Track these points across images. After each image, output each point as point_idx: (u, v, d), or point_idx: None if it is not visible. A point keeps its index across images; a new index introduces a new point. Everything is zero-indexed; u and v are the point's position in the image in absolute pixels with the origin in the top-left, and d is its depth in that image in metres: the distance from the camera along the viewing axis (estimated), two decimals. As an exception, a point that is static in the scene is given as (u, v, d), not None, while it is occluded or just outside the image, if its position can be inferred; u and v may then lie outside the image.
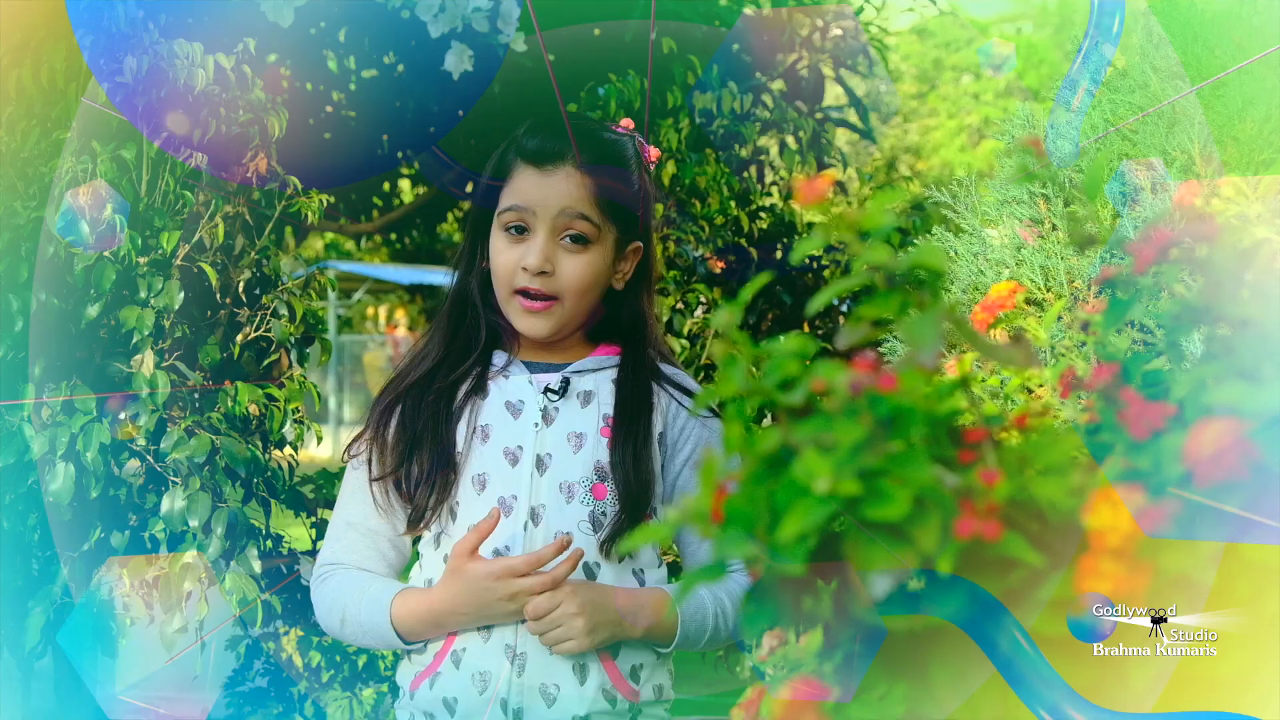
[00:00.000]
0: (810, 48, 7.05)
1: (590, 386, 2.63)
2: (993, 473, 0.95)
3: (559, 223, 2.53)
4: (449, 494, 2.56)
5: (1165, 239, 1.06)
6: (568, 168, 2.55)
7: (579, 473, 2.55)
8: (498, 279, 2.57)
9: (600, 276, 2.60)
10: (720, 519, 0.99)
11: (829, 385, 0.94)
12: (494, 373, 2.64)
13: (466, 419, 2.59)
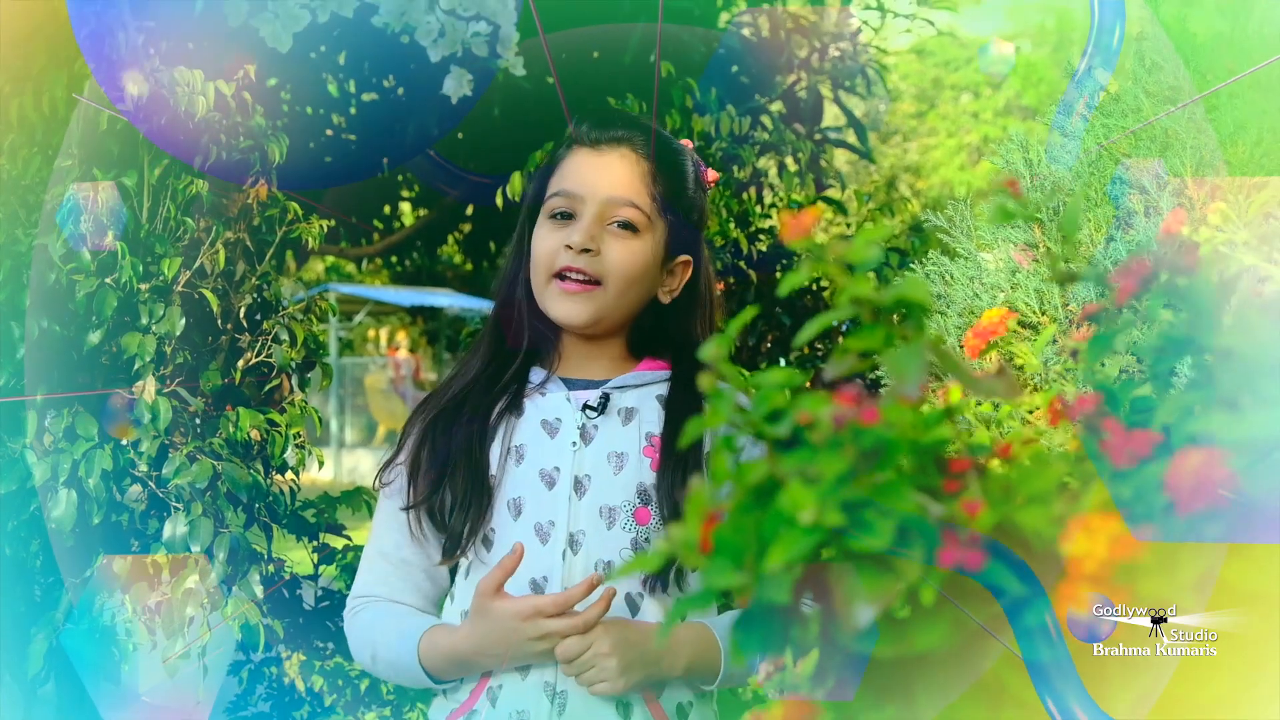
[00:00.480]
0: (809, 69, 7.07)
1: (632, 403, 2.51)
2: (975, 503, 0.96)
3: (608, 209, 2.44)
4: (484, 520, 2.44)
5: (1145, 270, 1.07)
6: (624, 149, 2.48)
7: (620, 496, 2.42)
8: (537, 266, 2.47)
9: (647, 271, 2.49)
10: (709, 548, 1.00)
11: (814, 417, 0.96)
12: (530, 390, 2.52)
13: (501, 439, 2.47)
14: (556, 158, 2.53)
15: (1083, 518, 1.02)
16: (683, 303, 2.58)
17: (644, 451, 2.46)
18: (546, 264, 2.45)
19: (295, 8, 4.27)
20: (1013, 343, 2.10)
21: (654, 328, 2.56)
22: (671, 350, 2.57)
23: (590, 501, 2.41)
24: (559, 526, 2.39)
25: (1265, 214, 1.94)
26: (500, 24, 4.94)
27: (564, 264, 2.42)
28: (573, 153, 2.50)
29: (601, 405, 2.48)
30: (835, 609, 0.97)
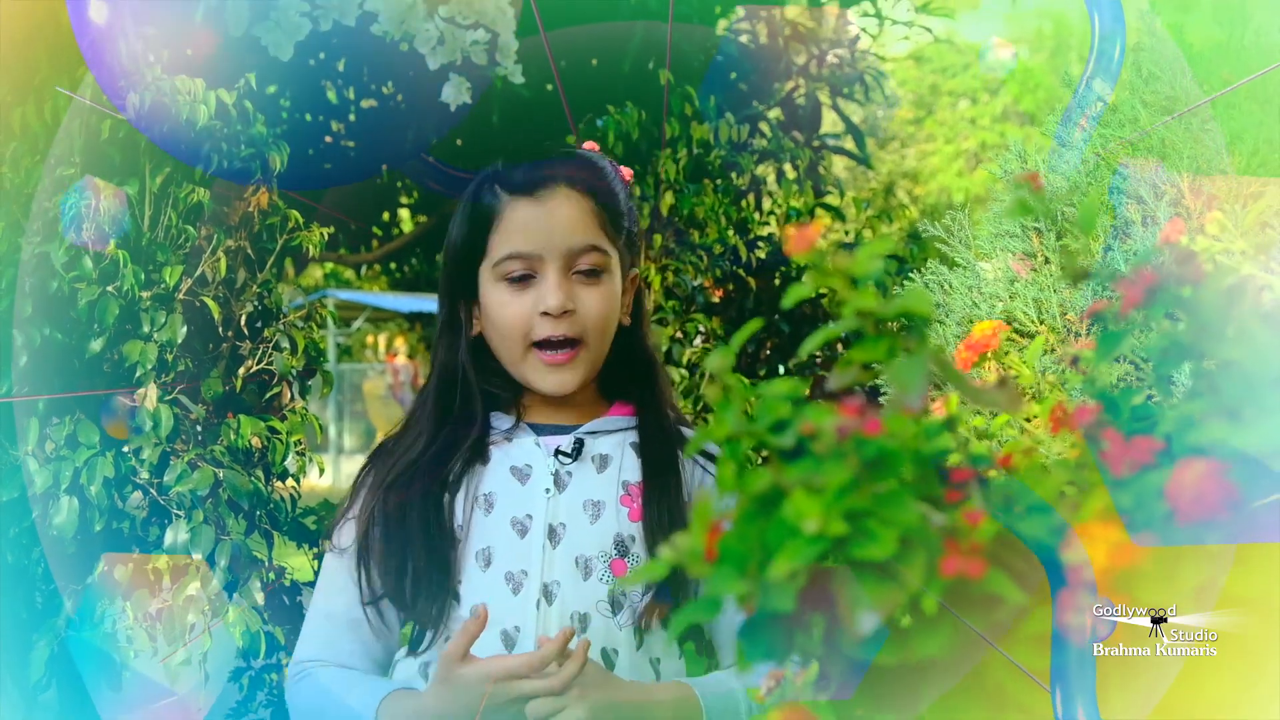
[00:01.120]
0: (807, 76, 7.08)
1: (606, 450, 2.40)
2: (977, 512, 0.98)
3: (570, 258, 2.32)
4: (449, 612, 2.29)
5: (1151, 280, 1.08)
6: (563, 189, 2.34)
7: (597, 546, 2.30)
8: (506, 337, 2.35)
9: (615, 310, 2.40)
10: (714, 557, 1.02)
11: (817, 428, 0.97)
12: (496, 437, 2.40)
13: (466, 488, 2.35)
14: (489, 209, 2.36)
15: (1085, 526, 1.03)
16: (635, 316, 2.51)
17: (621, 500, 2.35)
18: (520, 334, 2.34)
19: (296, 16, 4.29)
20: (1007, 354, 2.11)
21: (618, 354, 2.46)
22: (635, 378, 2.49)
23: (565, 551, 2.30)
24: (532, 576, 2.29)
25: (1262, 223, 1.96)
26: (499, 32, 4.95)
27: (545, 334, 2.32)
28: (510, 205, 2.35)
29: (576, 451, 2.38)
30: (839, 617, 0.99)
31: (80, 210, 3.16)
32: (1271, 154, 2.14)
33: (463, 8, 4.80)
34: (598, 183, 2.40)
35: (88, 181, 3.17)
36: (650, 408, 2.47)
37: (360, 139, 7.31)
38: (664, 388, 2.52)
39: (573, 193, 2.35)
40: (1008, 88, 29.23)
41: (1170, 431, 1.09)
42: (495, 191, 2.37)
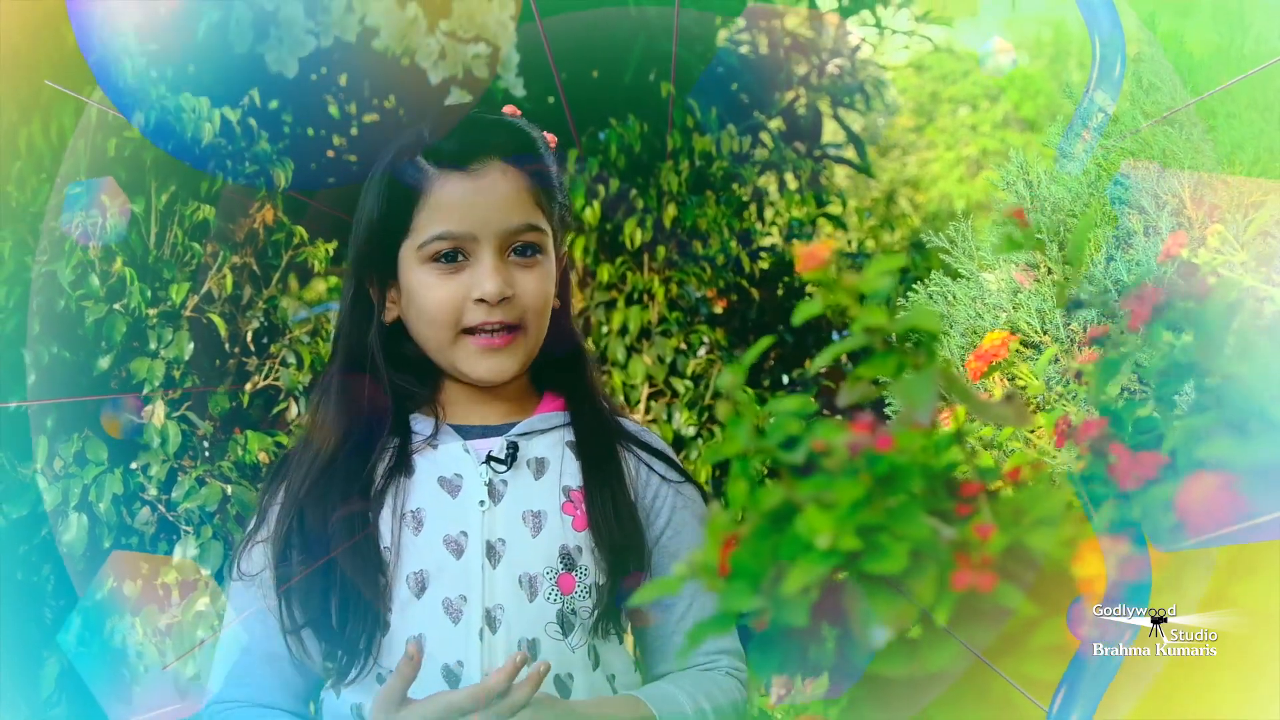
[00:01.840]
0: (808, 86, 7.09)
1: (542, 452, 2.19)
2: (987, 527, 0.99)
3: (506, 238, 2.10)
4: (380, 639, 2.07)
5: (1157, 298, 1.09)
6: (498, 163, 2.11)
7: (541, 562, 2.09)
8: (434, 323, 2.11)
9: (552, 292, 2.19)
10: (726, 572, 1.03)
11: (829, 445, 0.98)
12: (418, 444, 2.16)
13: (391, 504, 2.11)
14: (414, 182, 2.11)
15: (1095, 540, 1.05)
16: (561, 298, 2.28)
17: (564, 509, 2.15)
18: (449, 321, 2.11)
19: (300, 33, 4.30)
20: (1015, 364, 2.12)
21: (547, 339, 2.23)
22: (564, 367, 2.28)
23: (507, 570, 2.08)
24: (472, 602, 2.06)
25: (1263, 233, 1.97)
26: (500, 45, 4.96)
27: (478, 321, 2.10)
28: (439, 179, 2.10)
29: (510, 456, 2.15)
30: (851, 630, 1.00)
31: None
32: (1272, 163, 2.16)
33: (464, 22, 4.82)
34: (531, 154, 2.18)
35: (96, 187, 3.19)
36: (583, 401, 2.27)
37: (362, 153, 7.31)
38: (595, 377, 2.32)
39: (507, 166, 2.12)
40: (1008, 94, 29.24)
41: (1176, 446, 1.11)
42: (418, 164, 2.12)
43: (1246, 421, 1.05)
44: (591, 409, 2.27)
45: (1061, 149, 2.38)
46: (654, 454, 2.26)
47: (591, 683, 2.11)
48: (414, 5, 4.74)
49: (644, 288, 4.77)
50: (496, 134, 2.16)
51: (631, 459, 2.24)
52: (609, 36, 6.22)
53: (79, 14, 3.26)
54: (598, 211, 4.71)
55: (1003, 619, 1.02)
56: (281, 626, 2.10)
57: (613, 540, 2.13)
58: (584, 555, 2.13)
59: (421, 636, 2.05)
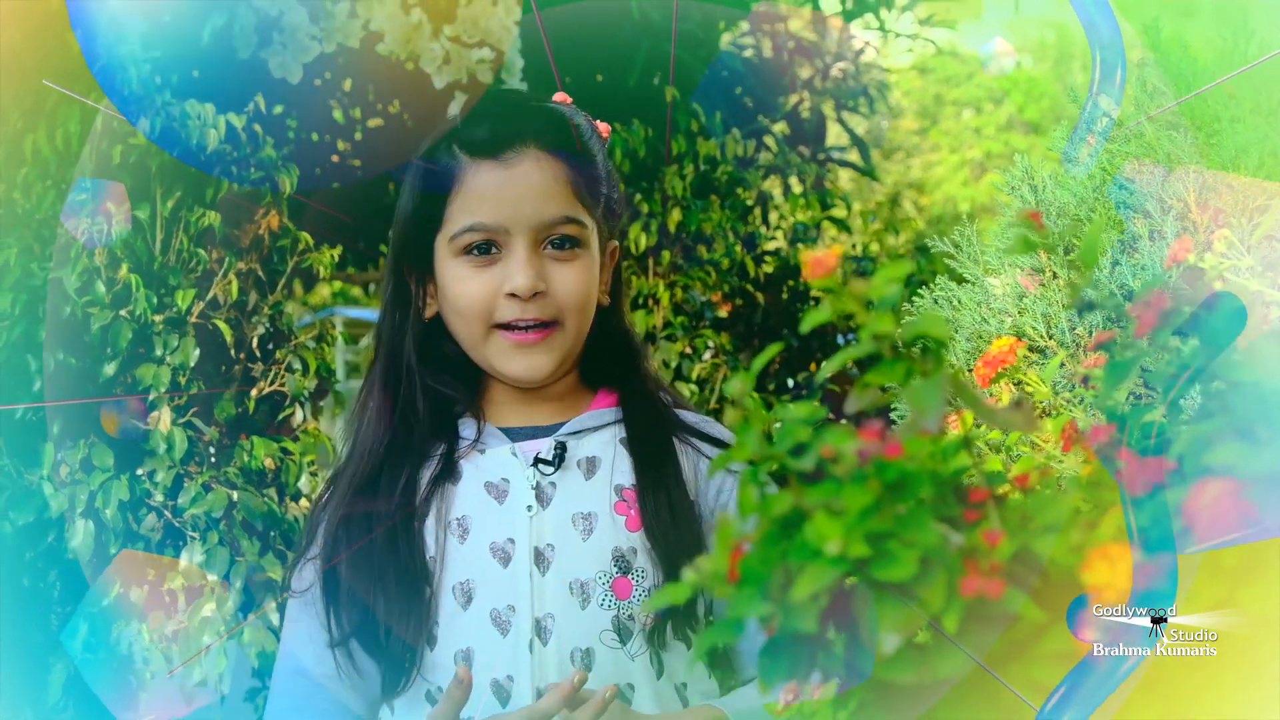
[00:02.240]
0: (812, 89, 7.10)
1: (593, 451, 2.07)
2: (995, 533, 0.99)
3: (541, 230, 1.99)
4: (424, 658, 1.98)
5: (1164, 304, 1.10)
6: (534, 152, 1.99)
7: (594, 566, 1.97)
8: (466, 318, 2.02)
9: (594, 287, 2.07)
10: (736, 578, 1.03)
11: (838, 452, 0.98)
12: (464, 448, 2.07)
13: (436, 512, 2.02)
14: (446, 172, 2.02)
15: (1103, 547, 1.05)
16: (613, 294, 2.18)
17: (616, 509, 2.02)
18: (481, 316, 2.01)
19: (304, 39, 4.31)
20: (1022, 371, 2.11)
21: (597, 336, 2.12)
22: (614, 361, 2.17)
23: (557, 577, 1.97)
24: (520, 612, 1.95)
25: (1268, 238, 1.97)
26: (504, 50, 4.97)
27: (511, 316, 1.99)
28: (472, 168, 2.00)
29: (558, 457, 2.04)
30: (860, 637, 1.00)
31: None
32: (1277, 166, 2.15)
33: (468, 27, 4.82)
34: (572, 142, 2.06)
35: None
36: (636, 394, 2.15)
37: (366, 158, 7.32)
38: (649, 370, 2.21)
39: (543, 155, 2.00)
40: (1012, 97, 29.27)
41: (1183, 451, 1.11)
42: (453, 152, 2.02)
43: (1254, 427, 1.05)
44: (644, 402, 2.15)
45: (1066, 154, 2.38)
46: (717, 445, 2.12)
47: (657, 692, 1.98)
48: (418, 10, 4.75)
49: (649, 292, 4.77)
50: (532, 121, 2.04)
51: (690, 452, 2.10)
52: (613, 41, 6.23)
53: (84, 21, 3.27)
54: (602, 216, 4.72)
55: (1011, 625, 1.02)
56: (329, 639, 2.00)
57: (668, 540, 1.99)
58: (639, 557, 2.00)
59: (470, 650, 1.96)
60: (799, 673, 1.05)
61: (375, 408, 2.10)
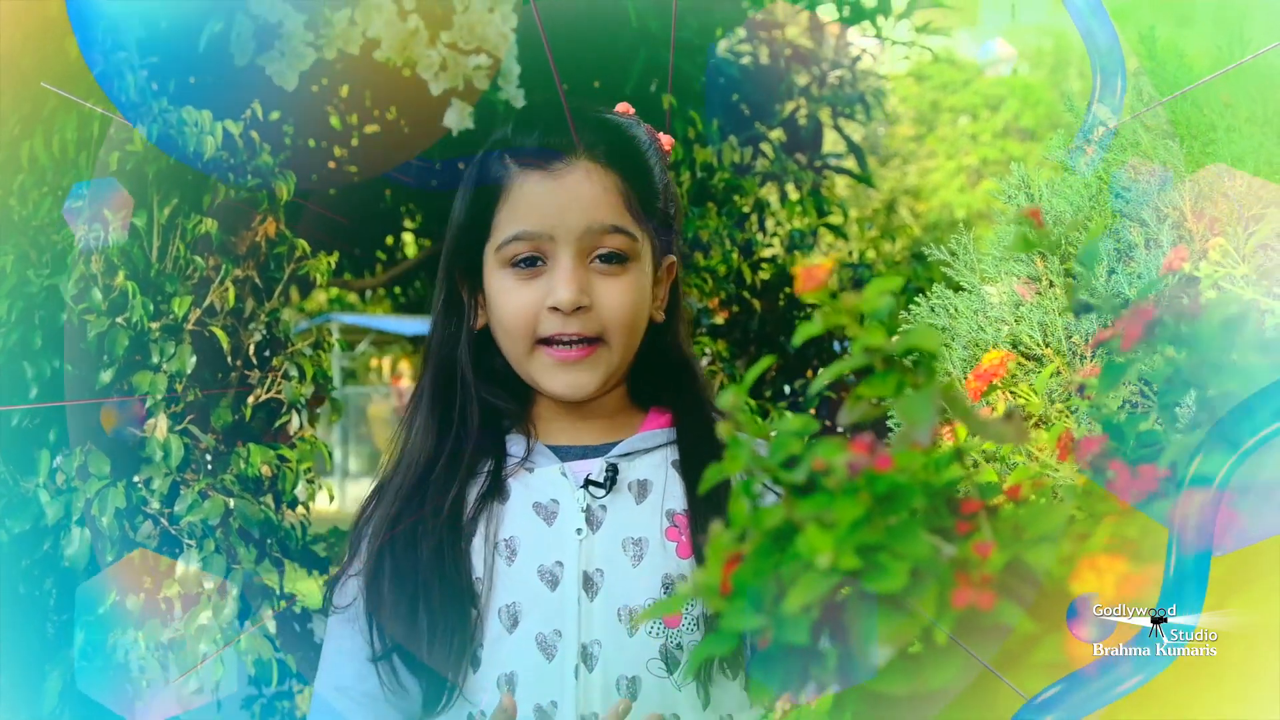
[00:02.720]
0: (809, 96, 7.11)
1: (645, 474, 2.01)
2: (987, 545, 0.99)
3: (587, 241, 1.93)
4: (466, 679, 1.93)
5: (1150, 315, 1.10)
6: (584, 163, 1.94)
7: (643, 594, 1.90)
8: (510, 332, 1.97)
9: (645, 304, 2.00)
10: (728, 590, 1.03)
11: (829, 464, 0.99)
12: (513, 466, 2.01)
13: (484, 532, 1.97)
14: (496, 181, 1.98)
15: (1091, 557, 1.05)
16: (670, 311, 2.11)
17: (667, 534, 1.96)
18: (525, 330, 1.96)
19: (301, 46, 4.31)
20: (1016, 382, 2.11)
21: (650, 354, 2.07)
22: (670, 382, 2.10)
23: (605, 603, 1.92)
24: (567, 637, 1.91)
25: (1263, 246, 1.97)
26: (500, 57, 4.97)
27: (553, 331, 1.94)
28: (520, 178, 1.96)
29: (609, 480, 1.98)
30: (852, 648, 1.00)
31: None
32: (1272, 176, 2.16)
33: (464, 34, 4.83)
34: (627, 153, 2.01)
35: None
36: (692, 417, 2.07)
37: (363, 164, 7.32)
38: (706, 393, 2.13)
39: (594, 166, 1.95)
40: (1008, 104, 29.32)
41: (1175, 460, 1.11)
42: (504, 162, 1.98)
43: (1243, 438, 1.05)
44: (700, 426, 2.05)
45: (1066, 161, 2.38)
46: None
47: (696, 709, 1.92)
48: (415, 17, 4.75)
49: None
50: (584, 131, 1.99)
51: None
52: (610, 48, 6.24)
53: (83, 23, 3.27)
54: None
55: (1003, 636, 1.02)
56: (371, 654, 1.97)
57: None
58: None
59: (514, 674, 1.92)
60: (793, 684, 1.05)
61: (424, 419, 2.06)
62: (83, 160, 3.48)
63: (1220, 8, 2.57)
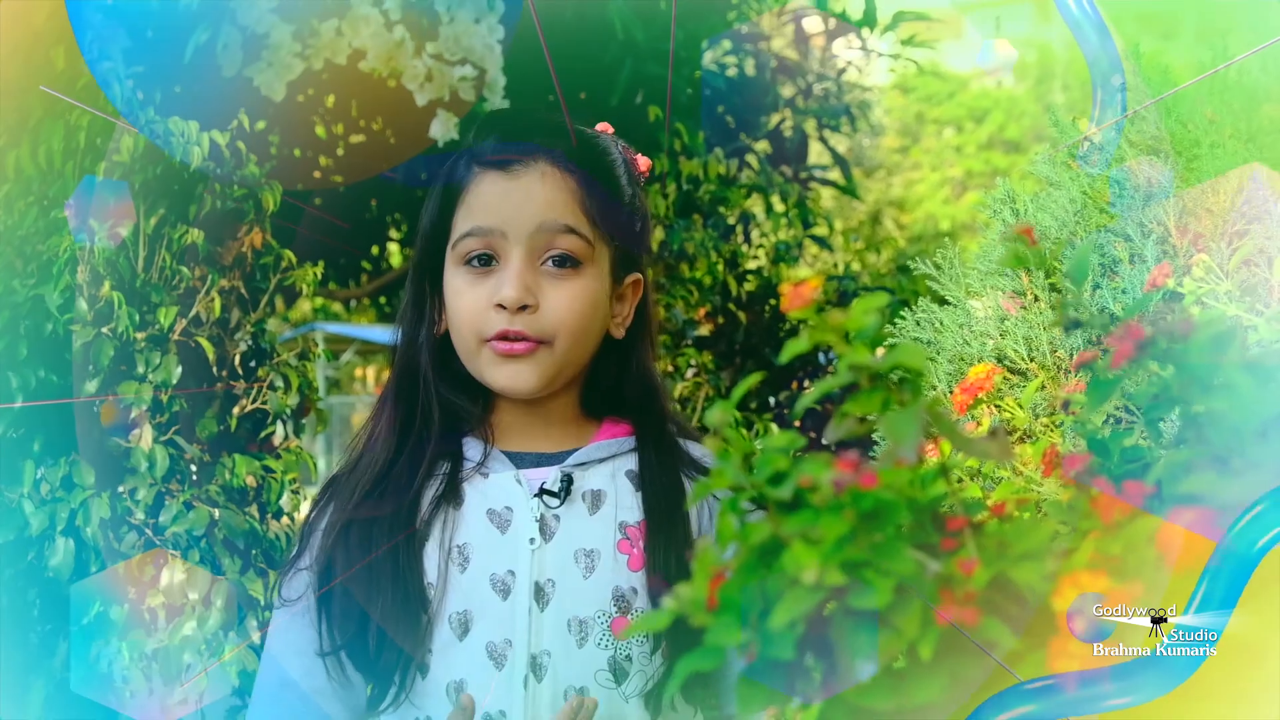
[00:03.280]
0: (794, 108, 7.12)
1: (599, 484, 2.01)
2: (971, 562, 1.00)
3: (538, 240, 1.92)
4: (413, 683, 1.94)
5: (1141, 335, 1.10)
6: (543, 165, 1.94)
7: (593, 605, 1.92)
8: (461, 329, 1.97)
9: (597, 312, 1.99)
10: (715, 606, 1.03)
11: (815, 481, 0.99)
12: (468, 470, 2.00)
13: (438, 537, 1.95)
14: (457, 179, 1.99)
15: (1074, 574, 1.05)
16: (634, 330, 2.09)
17: (619, 547, 1.97)
18: (473, 328, 1.95)
19: (288, 56, 4.31)
20: (1002, 396, 2.12)
21: (607, 369, 2.08)
22: (630, 398, 2.10)
23: (555, 613, 1.92)
24: (517, 647, 1.91)
25: (1246, 262, 1.98)
26: (486, 68, 4.97)
27: (498, 329, 1.92)
28: (479, 177, 1.96)
29: (565, 489, 1.98)
30: (837, 664, 1.01)
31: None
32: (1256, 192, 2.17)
33: (450, 45, 4.83)
34: (588, 160, 2.00)
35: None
36: (652, 435, 2.07)
37: (349, 174, 7.32)
38: (669, 410, 2.13)
39: (552, 168, 1.95)
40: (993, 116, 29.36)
41: (1160, 477, 1.11)
42: (467, 165, 1.98)
43: (1228, 457, 1.06)
44: (660, 444, 2.06)
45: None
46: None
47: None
48: (401, 28, 4.75)
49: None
50: (545, 134, 1.99)
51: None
52: (596, 59, 6.24)
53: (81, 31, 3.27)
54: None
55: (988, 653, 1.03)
56: (319, 648, 1.94)
57: (670, 581, 1.88)
58: (640, 597, 1.94)
59: (463, 682, 1.91)
60: (777, 699, 1.05)
61: (387, 420, 2.03)
62: (69, 170, 3.48)
63: (1203, 22, 2.58)
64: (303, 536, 2.04)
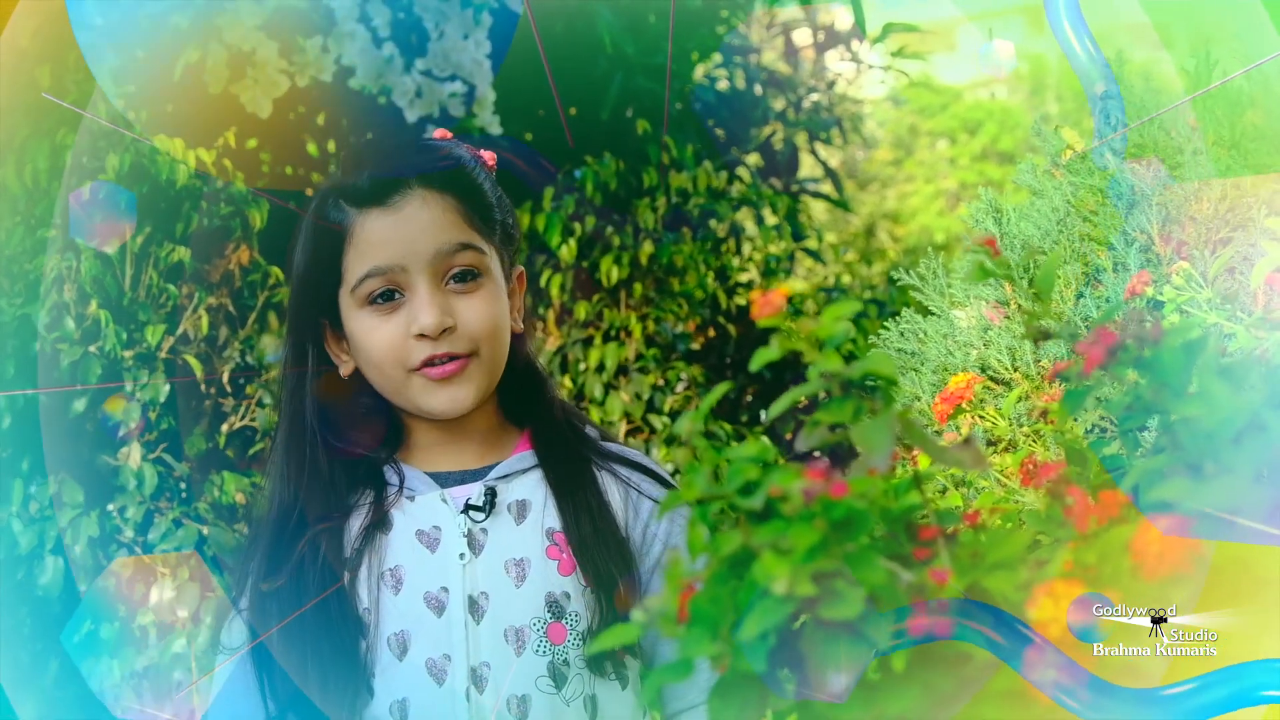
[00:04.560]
0: (785, 121, 7.11)
1: (523, 494, 2.04)
2: (943, 572, 0.99)
3: (438, 265, 1.96)
4: (362, 709, 1.94)
5: (1111, 340, 1.10)
6: (419, 191, 1.96)
7: (528, 613, 1.95)
8: (382, 365, 1.98)
9: (504, 314, 2.03)
10: (685, 618, 1.03)
11: (785, 491, 0.99)
12: (392, 496, 2.02)
13: (369, 564, 1.98)
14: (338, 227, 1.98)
15: (1048, 583, 1.05)
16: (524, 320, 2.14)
17: (548, 553, 2.00)
18: (396, 361, 1.96)
19: (274, 74, 4.31)
20: (983, 405, 2.12)
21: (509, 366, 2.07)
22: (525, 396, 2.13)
23: (491, 625, 1.95)
24: (456, 661, 1.94)
25: (1228, 270, 1.98)
26: (476, 84, 4.97)
27: (424, 356, 1.95)
28: (360, 218, 1.97)
29: (489, 503, 2.01)
30: (809, 675, 1.00)
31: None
32: (1239, 200, 2.17)
33: (439, 61, 4.83)
34: (455, 175, 2.03)
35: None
36: (546, 429, 2.12)
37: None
38: (557, 399, 2.17)
39: (429, 193, 1.98)
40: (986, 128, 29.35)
41: (1136, 485, 1.11)
42: (340, 206, 1.98)
43: (1202, 463, 1.05)
44: (555, 436, 2.10)
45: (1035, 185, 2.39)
46: (642, 472, 2.09)
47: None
48: (390, 44, 4.76)
49: (621, 324, 4.77)
50: (411, 162, 2.02)
51: (617, 484, 2.06)
52: (585, 74, 6.24)
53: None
54: (574, 249, 4.72)
55: (960, 663, 1.02)
56: (264, 708, 1.95)
57: (599, 579, 1.97)
58: (573, 601, 1.97)
59: (406, 700, 1.94)
60: (749, 712, 1.04)
61: (278, 471, 2.05)
62: (55, 189, 3.47)
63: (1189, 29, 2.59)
64: (238, 580, 2.04)
